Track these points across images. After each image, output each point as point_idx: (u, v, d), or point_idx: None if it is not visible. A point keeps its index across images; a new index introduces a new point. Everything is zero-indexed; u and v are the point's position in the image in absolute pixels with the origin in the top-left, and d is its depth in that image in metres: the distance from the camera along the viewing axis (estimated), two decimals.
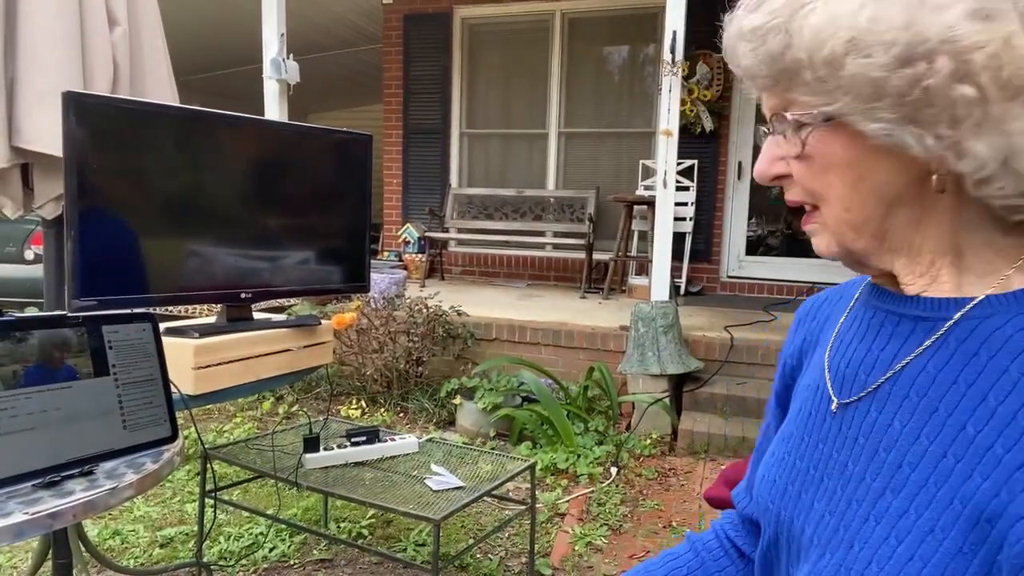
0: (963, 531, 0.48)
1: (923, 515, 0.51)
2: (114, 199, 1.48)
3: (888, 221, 0.56)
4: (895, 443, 0.55)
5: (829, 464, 0.60)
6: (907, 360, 0.57)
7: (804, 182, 0.58)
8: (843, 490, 0.58)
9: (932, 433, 0.53)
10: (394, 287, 4.73)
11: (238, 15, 6.67)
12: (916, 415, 0.54)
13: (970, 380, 0.52)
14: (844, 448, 0.59)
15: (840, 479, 0.58)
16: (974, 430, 0.50)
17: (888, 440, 0.55)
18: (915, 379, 0.55)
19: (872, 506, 0.54)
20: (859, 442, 0.58)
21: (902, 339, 0.58)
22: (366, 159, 1.97)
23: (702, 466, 3.41)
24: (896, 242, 0.57)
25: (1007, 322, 0.52)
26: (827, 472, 0.60)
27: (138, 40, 1.93)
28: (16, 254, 5.85)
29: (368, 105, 10.33)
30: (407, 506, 1.86)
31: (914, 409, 0.54)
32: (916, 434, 0.54)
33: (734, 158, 5.93)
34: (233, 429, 3.82)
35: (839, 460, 0.59)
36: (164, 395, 1.30)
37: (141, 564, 2.46)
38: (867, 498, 0.55)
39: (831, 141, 0.55)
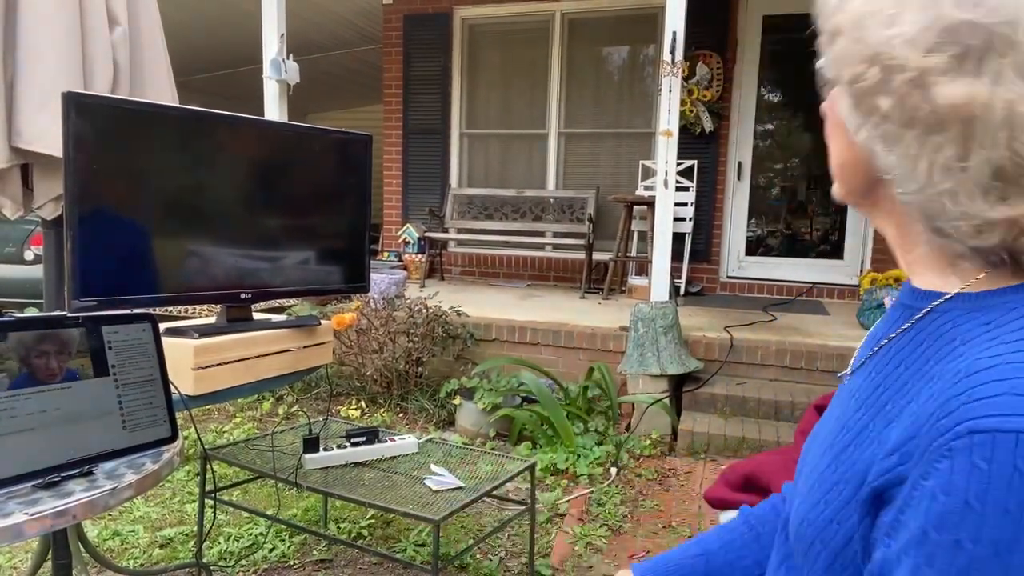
0: (854, 487, 0.56)
1: (838, 470, 0.58)
2: (114, 199, 1.48)
3: (875, 194, 0.61)
4: (848, 410, 0.62)
5: (821, 427, 0.69)
6: (885, 341, 0.63)
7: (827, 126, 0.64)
8: (816, 447, 0.66)
9: (869, 405, 0.59)
10: (394, 287, 4.73)
11: (238, 15, 6.67)
12: (866, 389, 0.61)
13: (908, 365, 0.58)
14: (832, 413, 0.68)
15: (817, 440, 0.67)
16: (891, 407, 0.56)
17: (844, 407, 0.64)
18: (880, 358, 0.62)
19: (819, 458, 0.63)
20: (834, 408, 0.67)
21: (891, 323, 0.64)
22: (366, 159, 1.97)
23: (702, 466, 3.41)
24: (886, 212, 0.61)
25: (952, 318, 0.56)
26: (818, 434, 0.69)
27: (138, 40, 1.93)
28: (16, 254, 5.85)
29: (368, 105, 10.33)
30: (407, 506, 1.86)
31: (869, 383, 0.61)
32: (859, 404, 0.61)
33: (734, 158, 5.93)
34: (233, 429, 3.82)
35: (826, 423, 0.68)
36: (164, 395, 1.30)
37: (141, 564, 2.46)
38: (820, 452, 0.64)
39: (832, 99, 0.61)
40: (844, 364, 3.07)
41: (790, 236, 6.13)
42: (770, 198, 6.18)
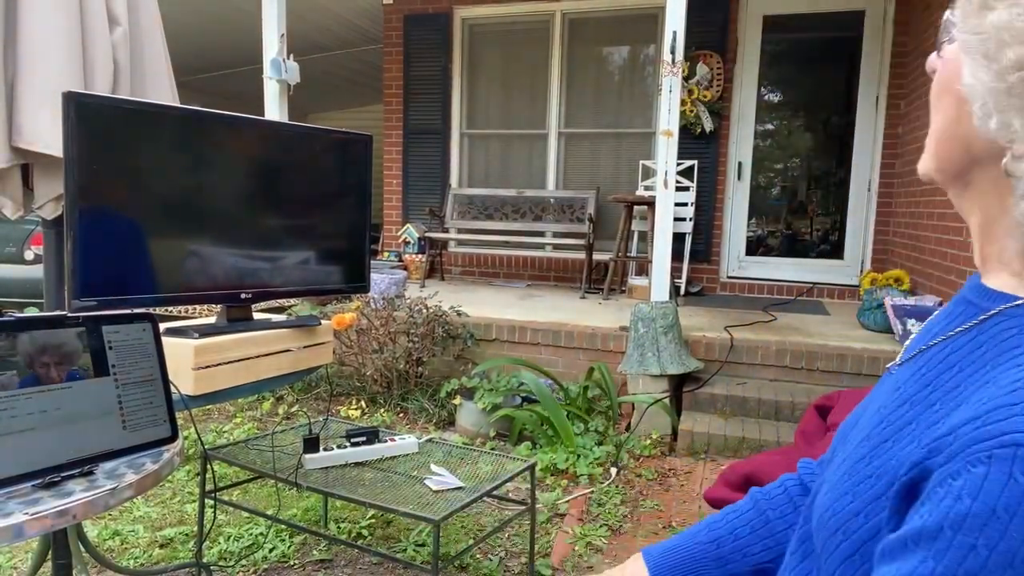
0: (887, 483, 0.54)
1: (871, 463, 0.57)
2: (114, 199, 1.48)
3: (971, 174, 0.57)
4: (891, 404, 0.60)
5: (864, 414, 0.67)
6: (942, 337, 0.61)
7: (932, 90, 0.59)
8: (853, 437, 0.64)
9: (915, 402, 0.57)
10: (394, 287, 4.73)
11: (238, 15, 6.67)
12: (915, 385, 0.59)
13: (963, 367, 0.55)
14: (872, 403, 0.66)
15: (856, 428, 0.65)
16: (939, 407, 0.54)
17: (889, 400, 0.61)
18: (934, 355, 0.60)
19: (853, 449, 0.61)
20: (875, 399, 0.65)
21: (951, 319, 0.62)
22: (366, 159, 1.97)
23: (702, 466, 3.41)
24: (976, 197, 0.58)
25: (1020, 325, 0.54)
26: (855, 423, 0.68)
27: (138, 40, 1.93)
28: (16, 254, 5.85)
29: (368, 105, 10.33)
30: (407, 506, 1.86)
31: (917, 380, 0.59)
32: (904, 399, 0.59)
33: (734, 158, 5.93)
34: (233, 429, 3.82)
35: (869, 411, 0.66)
36: (164, 395, 1.30)
37: (141, 564, 2.46)
38: (856, 442, 0.62)
39: (955, 67, 0.55)
40: (844, 364, 3.10)
41: (790, 236, 6.13)
42: (770, 198, 6.18)
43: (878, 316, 4.27)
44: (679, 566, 0.82)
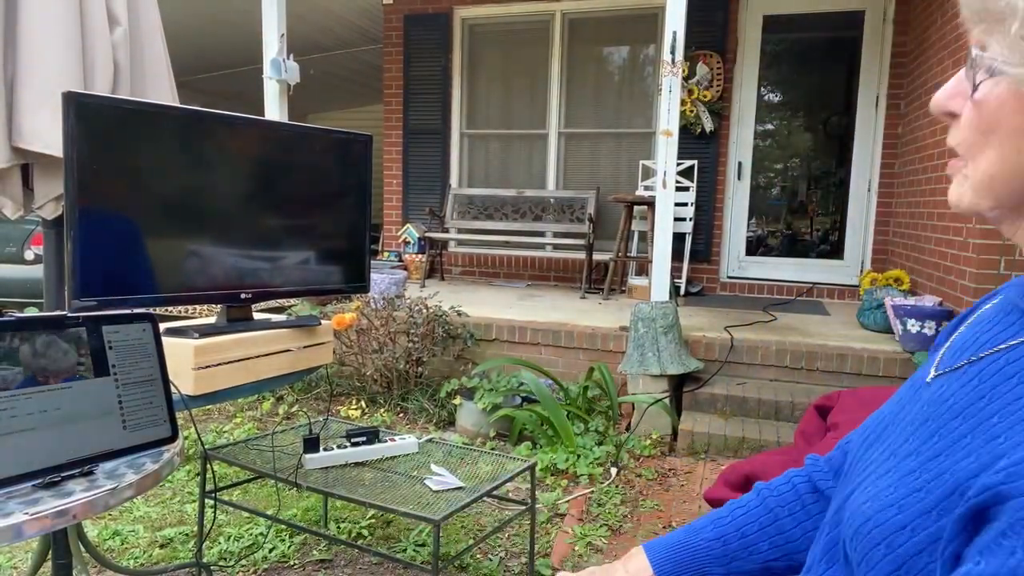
0: (939, 497, 0.52)
1: (923, 476, 0.55)
2: (114, 199, 1.48)
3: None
4: (941, 415, 0.58)
5: (898, 420, 0.65)
6: (994, 349, 0.58)
7: (968, 129, 0.56)
8: (894, 443, 0.62)
9: (969, 415, 0.55)
10: (394, 287, 4.73)
11: (238, 15, 6.67)
12: (967, 397, 0.57)
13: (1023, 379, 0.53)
14: (915, 408, 0.63)
15: (895, 436, 0.63)
16: (998, 420, 0.52)
17: (938, 412, 0.59)
18: (987, 366, 0.57)
19: (901, 461, 0.59)
20: (924, 408, 0.62)
21: (1003, 327, 0.60)
22: (366, 159, 1.97)
23: (702, 466, 3.41)
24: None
25: None
26: (895, 423, 0.65)
27: (138, 40, 1.93)
28: (16, 254, 5.85)
29: (368, 105, 10.33)
30: (407, 506, 1.86)
31: (970, 391, 0.57)
32: (957, 412, 0.56)
33: (734, 158, 5.93)
34: (233, 429, 3.82)
35: (905, 419, 0.64)
36: (164, 395, 1.30)
37: (141, 564, 2.46)
38: (900, 453, 0.60)
39: (1004, 101, 0.53)
40: (844, 364, 3.10)
41: (790, 236, 6.13)
42: (770, 198, 6.18)
43: (878, 316, 4.27)
44: (684, 563, 0.80)
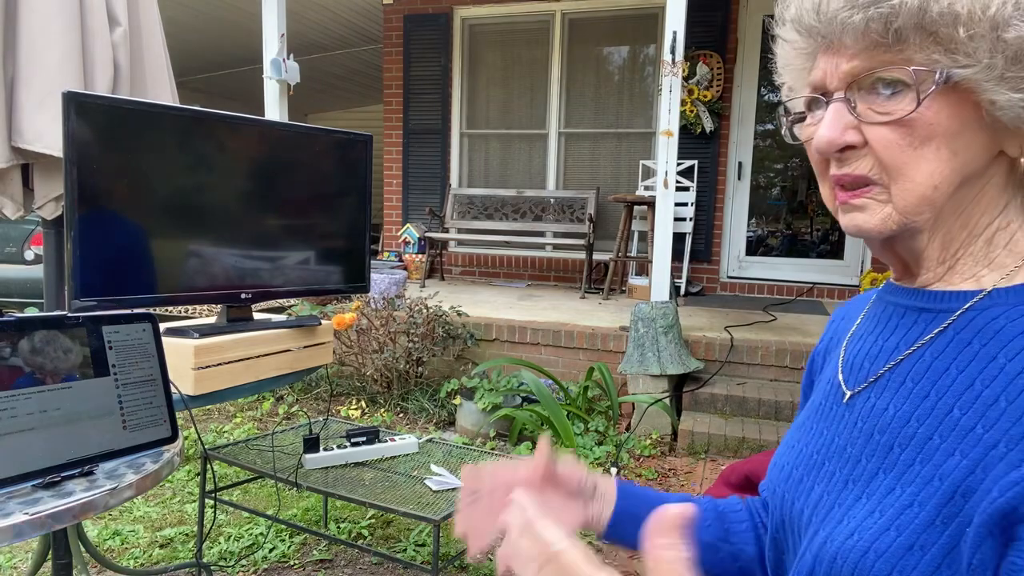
0: (938, 505, 0.50)
1: (906, 491, 0.53)
2: (114, 199, 1.48)
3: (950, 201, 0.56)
4: (888, 426, 0.57)
5: (831, 449, 0.63)
6: (909, 350, 0.59)
7: (889, 153, 0.55)
8: (840, 472, 0.60)
9: (922, 416, 0.55)
10: (394, 287, 4.73)
11: (238, 15, 6.68)
12: (909, 400, 0.57)
13: (961, 367, 0.54)
14: (845, 433, 0.62)
15: (839, 462, 0.61)
16: (960, 412, 0.52)
17: (882, 424, 0.58)
18: (912, 367, 0.58)
19: (866, 485, 0.57)
20: (858, 426, 0.61)
21: (905, 330, 0.61)
22: (366, 159, 1.97)
23: (702, 466, 3.41)
24: (941, 223, 0.57)
25: (1002, 313, 0.54)
26: (828, 456, 0.63)
27: (138, 40, 1.93)
28: (16, 254, 5.85)
29: (368, 105, 10.34)
30: (407, 506, 1.86)
31: (908, 395, 0.57)
32: (907, 418, 0.56)
33: (734, 158, 5.93)
34: (233, 429, 3.82)
35: (839, 444, 0.62)
36: (164, 395, 1.30)
37: (141, 564, 2.46)
38: (862, 478, 0.58)
39: (942, 108, 0.53)
40: None
41: (790, 236, 6.13)
42: (770, 198, 6.18)
43: None
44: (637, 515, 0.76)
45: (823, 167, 0.61)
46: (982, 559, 0.47)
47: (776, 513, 0.69)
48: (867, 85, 0.55)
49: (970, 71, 0.52)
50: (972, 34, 0.51)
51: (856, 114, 0.56)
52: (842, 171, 0.58)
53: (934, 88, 0.53)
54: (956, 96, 0.53)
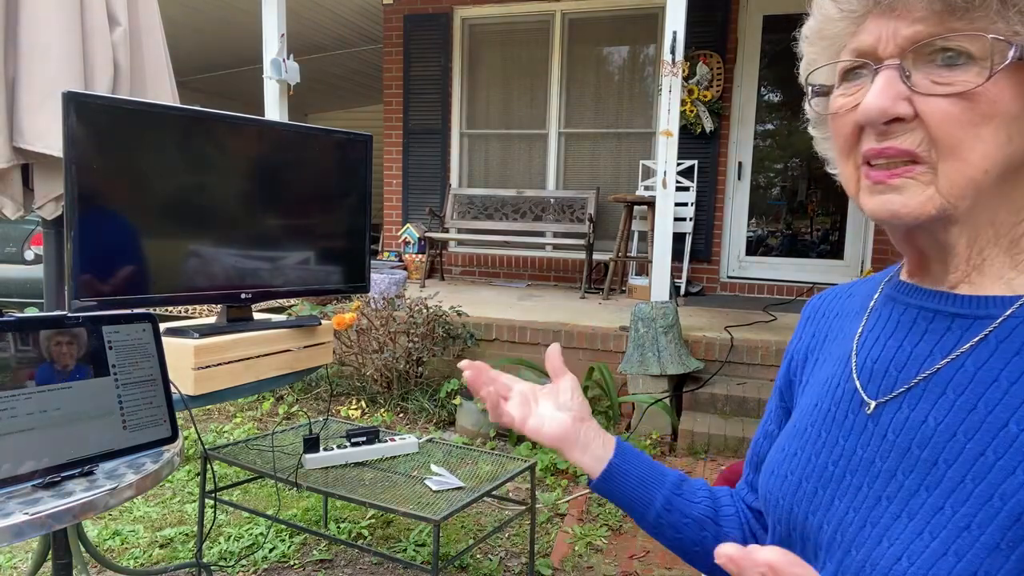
0: (1002, 527, 0.47)
1: (959, 511, 0.49)
2: (114, 199, 1.48)
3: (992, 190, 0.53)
4: (930, 440, 0.53)
5: (853, 461, 0.59)
6: (946, 359, 0.55)
7: (946, 128, 0.51)
8: (870, 487, 0.56)
9: (970, 430, 0.51)
10: (394, 287, 4.73)
11: (238, 15, 6.68)
12: (953, 412, 0.53)
13: (1012, 378, 0.51)
14: (871, 445, 0.58)
15: (867, 476, 0.57)
16: (1017, 428, 0.49)
17: (922, 437, 0.54)
18: (952, 376, 0.54)
19: (905, 503, 0.53)
20: (888, 439, 0.56)
21: (937, 336, 0.57)
22: (366, 159, 1.97)
23: (702, 466, 3.41)
24: (973, 216, 0.54)
25: None
26: (850, 469, 0.59)
27: (138, 40, 1.93)
28: (16, 254, 5.85)
29: (368, 105, 10.34)
30: (407, 506, 1.86)
31: (951, 407, 0.53)
32: (952, 431, 0.52)
33: (734, 158, 5.93)
34: (233, 429, 3.82)
35: (864, 457, 0.58)
36: (164, 395, 1.30)
37: (141, 564, 2.46)
38: (899, 495, 0.54)
39: (1008, 86, 0.50)
40: None
41: (790, 236, 6.13)
42: (770, 198, 6.18)
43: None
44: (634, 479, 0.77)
45: (852, 142, 0.56)
46: None
47: (780, 525, 0.65)
48: (926, 54, 0.51)
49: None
50: None
51: (910, 84, 0.52)
52: (885, 144, 0.53)
53: (1007, 62, 0.49)
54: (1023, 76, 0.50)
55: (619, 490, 0.76)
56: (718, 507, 0.78)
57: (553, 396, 0.77)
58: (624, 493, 0.76)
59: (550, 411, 0.76)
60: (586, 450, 0.76)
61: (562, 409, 0.76)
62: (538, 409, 0.76)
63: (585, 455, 0.76)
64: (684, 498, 0.77)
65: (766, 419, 0.80)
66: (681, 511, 0.76)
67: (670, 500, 0.76)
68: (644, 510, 0.76)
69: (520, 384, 0.78)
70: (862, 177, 0.56)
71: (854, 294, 0.72)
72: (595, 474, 0.76)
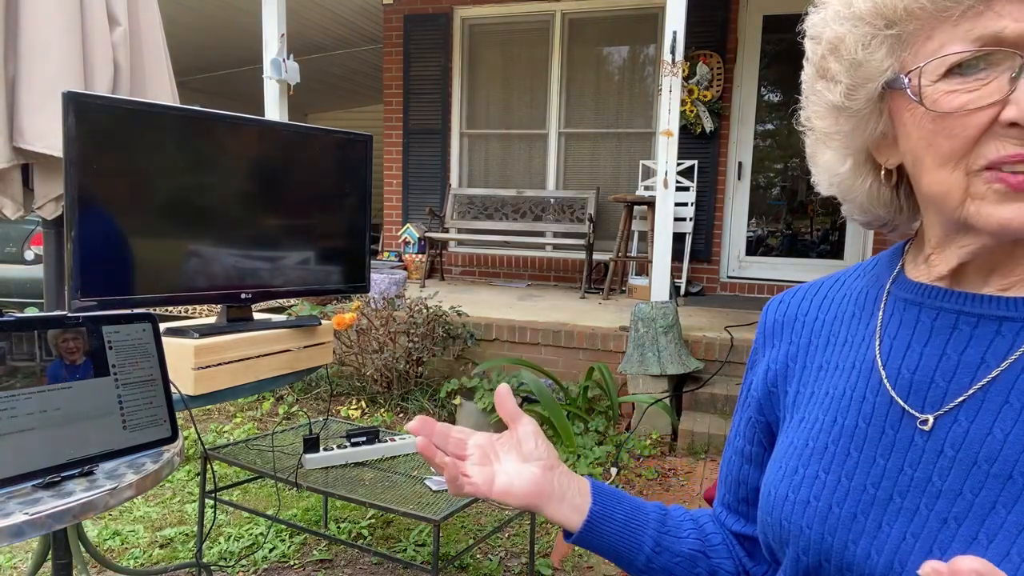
0: None
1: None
2: (114, 199, 1.48)
3: None
4: (999, 453, 0.50)
5: (900, 481, 0.54)
6: (1002, 366, 0.52)
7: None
8: (930, 509, 0.52)
9: None
10: (394, 287, 4.73)
11: (238, 15, 6.68)
12: (1020, 422, 0.50)
13: None
14: (924, 463, 0.53)
15: (923, 497, 0.53)
16: None
17: (989, 451, 0.50)
18: (1014, 384, 0.51)
19: (980, 523, 0.49)
20: (947, 455, 0.52)
21: (986, 341, 0.53)
22: (366, 159, 1.97)
23: (702, 466, 3.41)
24: None
25: None
26: (900, 491, 0.54)
27: (138, 40, 1.93)
28: (16, 254, 5.85)
29: (368, 105, 10.34)
30: (407, 506, 1.86)
31: (1017, 416, 0.50)
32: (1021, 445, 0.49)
33: (734, 158, 5.93)
34: (233, 429, 3.82)
35: (917, 477, 0.53)
36: (164, 395, 1.30)
37: (141, 564, 2.46)
38: (970, 515, 0.50)
39: None
40: None
41: (790, 236, 6.13)
42: (770, 198, 6.18)
43: None
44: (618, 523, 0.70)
45: (970, 145, 0.50)
46: None
47: (809, 557, 0.59)
48: None
49: None
50: None
51: None
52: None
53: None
54: None
55: (604, 539, 0.69)
56: (705, 537, 0.74)
57: (515, 446, 0.67)
58: (610, 542, 0.69)
59: (515, 466, 0.66)
60: (563, 501, 0.67)
61: (529, 460, 0.66)
62: (502, 466, 0.66)
63: (562, 506, 0.67)
64: (671, 535, 0.72)
65: (734, 436, 0.75)
66: (671, 550, 0.71)
67: (658, 541, 0.71)
68: (633, 556, 0.70)
69: (475, 437, 0.67)
70: (983, 183, 0.50)
71: (847, 294, 0.68)
72: (575, 526, 0.68)
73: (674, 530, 0.72)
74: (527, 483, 0.65)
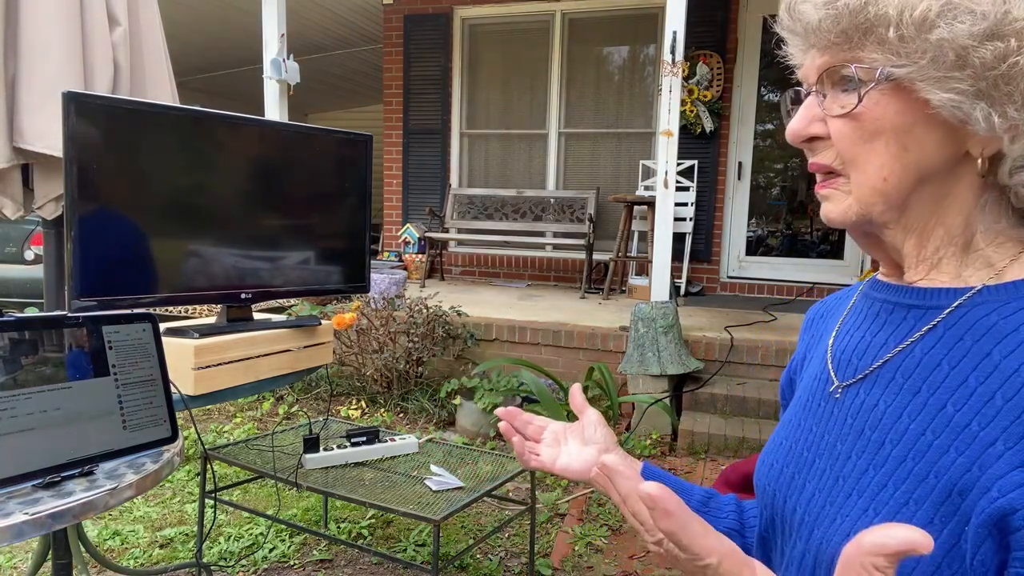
0: (935, 503, 0.51)
1: (900, 488, 0.53)
2: (114, 199, 1.48)
3: (913, 196, 0.57)
4: (879, 422, 0.57)
5: (821, 445, 0.63)
6: (899, 347, 0.59)
7: (843, 144, 0.58)
8: (831, 469, 0.60)
9: (914, 412, 0.55)
10: (394, 287, 4.73)
11: (238, 15, 6.68)
12: (900, 396, 0.57)
13: (953, 363, 0.54)
14: (834, 429, 0.62)
15: (829, 459, 0.61)
16: (953, 409, 0.53)
17: (873, 420, 0.58)
18: (902, 363, 0.58)
19: (856, 482, 0.57)
20: (848, 423, 0.61)
21: (894, 326, 0.61)
22: (366, 159, 1.97)
23: (702, 466, 3.41)
24: (912, 220, 0.58)
25: (994, 310, 0.55)
26: (819, 453, 0.63)
27: (138, 40, 1.93)
28: (16, 254, 5.85)
29: (368, 105, 10.34)
30: (407, 506, 1.86)
31: (899, 390, 0.57)
32: (899, 413, 0.56)
33: (734, 158, 5.93)
34: (233, 429, 3.82)
35: (829, 441, 0.62)
36: (164, 395, 1.30)
37: (141, 564, 2.46)
38: (852, 474, 0.58)
39: (887, 104, 0.55)
40: None
41: (790, 236, 6.13)
42: (770, 198, 6.18)
43: None
44: None
45: None
46: (982, 559, 0.48)
47: (767, 511, 0.69)
48: (834, 80, 0.57)
49: (905, 71, 0.53)
50: (901, 35, 0.52)
51: (823, 107, 0.59)
52: (813, 159, 0.61)
53: (873, 85, 0.55)
54: (903, 94, 0.54)
55: None
56: (744, 519, 0.80)
57: (579, 432, 0.82)
58: None
59: (576, 448, 0.80)
60: None
61: (588, 443, 0.80)
62: (567, 447, 0.81)
63: None
64: (711, 514, 0.80)
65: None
66: None
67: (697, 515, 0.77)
68: None
69: (553, 424, 0.84)
70: None
71: (848, 296, 0.74)
72: None
73: (715, 511, 0.81)
74: (583, 462, 0.79)
